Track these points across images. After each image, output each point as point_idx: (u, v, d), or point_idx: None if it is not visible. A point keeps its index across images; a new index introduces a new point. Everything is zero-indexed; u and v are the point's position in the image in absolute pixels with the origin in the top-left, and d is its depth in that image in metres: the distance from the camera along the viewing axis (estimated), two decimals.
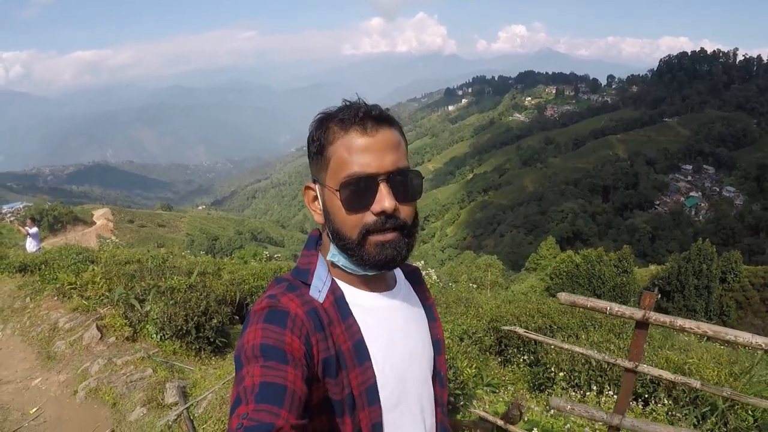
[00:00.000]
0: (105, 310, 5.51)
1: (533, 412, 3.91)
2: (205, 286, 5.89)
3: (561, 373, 4.83)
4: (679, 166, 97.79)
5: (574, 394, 4.61)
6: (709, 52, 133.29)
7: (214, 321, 5.16)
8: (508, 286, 23.89)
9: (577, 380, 4.79)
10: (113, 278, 6.16)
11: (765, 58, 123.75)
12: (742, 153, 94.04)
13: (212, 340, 5.16)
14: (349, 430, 0.87)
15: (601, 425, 3.42)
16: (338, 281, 0.95)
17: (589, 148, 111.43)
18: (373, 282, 0.97)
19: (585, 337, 5.46)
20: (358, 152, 0.85)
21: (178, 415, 3.66)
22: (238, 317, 6.58)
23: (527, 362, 5.81)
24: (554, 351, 5.21)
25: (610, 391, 4.41)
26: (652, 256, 64.23)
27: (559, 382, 4.80)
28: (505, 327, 3.61)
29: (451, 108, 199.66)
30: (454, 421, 3.25)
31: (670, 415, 3.98)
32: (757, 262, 42.45)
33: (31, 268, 7.63)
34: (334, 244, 0.92)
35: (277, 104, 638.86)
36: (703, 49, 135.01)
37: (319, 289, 0.91)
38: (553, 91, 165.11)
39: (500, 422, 3.17)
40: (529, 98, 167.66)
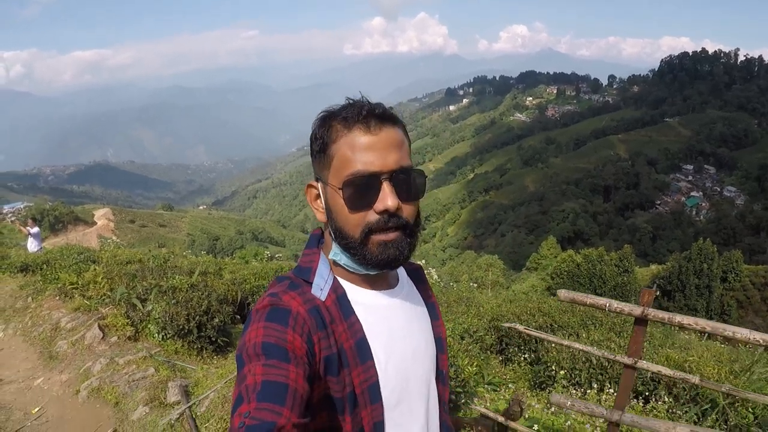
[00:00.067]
0: (107, 310, 5.51)
1: (534, 410, 3.91)
2: (207, 286, 5.89)
3: (562, 372, 4.83)
4: (680, 166, 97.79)
5: (575, 392, 4.61)
6: (710, 53, 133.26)
7: (216, 320, 5.17)
8: (509, 286, 23.92)
9: (578, 378, 4.80)
10: (115, 278, 6.16)
11: (766, 59, 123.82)
12: (743, 153, 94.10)
13: (214, 339, 5.17)
14: (350, 429, 0.87)
15: (602, 422, 3.42)
16: (340, 279, 0.94)
17: (590, 148, 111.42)
18: (375, 280, 0.97)
19: (585, 336, 5.46)
20: (362, 150, 0.85)
21: (181, 414, 3.67)
22: (239, 317, 6.58)
23: (528, 361, 5.82)
24: (555, 349, 5.21)
25: (611, 389, 4.41)
26: (653, 255, 64.18)
27: (560, 380, 4.80)
28: (505, 324, 3.61)
29: (452, 108, 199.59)
30: (456, 418, 3.26)
31: (671, 412, 3.98)
32: (758, 262, 42.45)
33: (33, 267, 7.62)
34: (337, 243, 0.91)
35: (278, 104, 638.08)
36: (704, 50, 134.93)
37: (320, 288, 0.91)
38: (555, 91, 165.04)
39: (501, 419, 3.17)
40: (531, 98, 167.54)
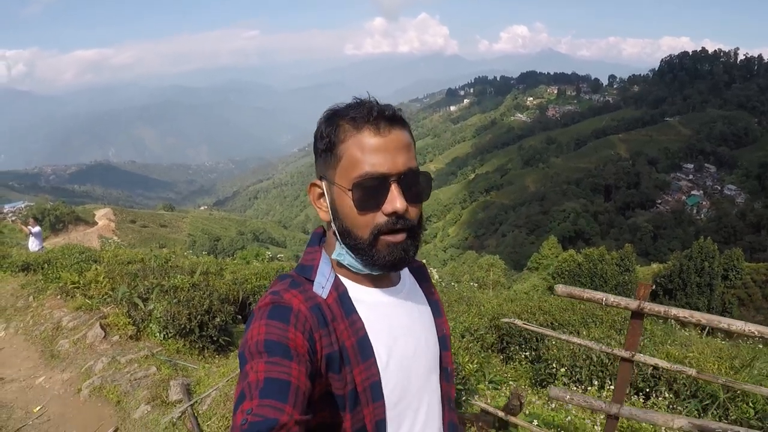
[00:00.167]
0: (108, 309, 5.52)
1: (534, 406, 3.93)
2: (208, 285, 5.91)
3: (562, 369, 4.84)
4: (681, 165, 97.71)
5: (576, 390, 4.62)
6: (710, 52, 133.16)
7: (217, 320, 5.18)
8: (510, 286, 23.96)
9: (578, 376, 4.80)
10: (116, 277, 6.18)
11: (766, 58, 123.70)
12: (743, 152, 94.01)
13: (215, 338, 5.18)
14: (351, 425, 0.87)
15: (602, 419, 3.43)
16: (342, 277, 0.94)
17: (590, 147, 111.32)
18: (377, 278, 0.96)
19: (586, 333, 5.48)
20: (371, 152, 0.84)
21: (183, 412, 3.68)
22: (240, 316, 6.59)
23: (529, 359, 5.83)
24: (555, 347, 5.22)
25: (611, 386, 4.41)
26: (654, 254, 64.08)
27: (560, 377, 4.81)
28: (504, 319, 3.62)
29: (453, 108, 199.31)
30: (457, 414, 3.27)
31: (671, 408, 3.99)
32: (759, 259, 42.28)
33: (34, 267, 7.65)
34: (342, 243, 0.91)
35: (279, 104, 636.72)
36: (704, 49, 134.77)
37: (322, 285, 0.91)
38: (555, 92, 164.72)
39: (501, 414, 3.18)
40: (531, 98, 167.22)
